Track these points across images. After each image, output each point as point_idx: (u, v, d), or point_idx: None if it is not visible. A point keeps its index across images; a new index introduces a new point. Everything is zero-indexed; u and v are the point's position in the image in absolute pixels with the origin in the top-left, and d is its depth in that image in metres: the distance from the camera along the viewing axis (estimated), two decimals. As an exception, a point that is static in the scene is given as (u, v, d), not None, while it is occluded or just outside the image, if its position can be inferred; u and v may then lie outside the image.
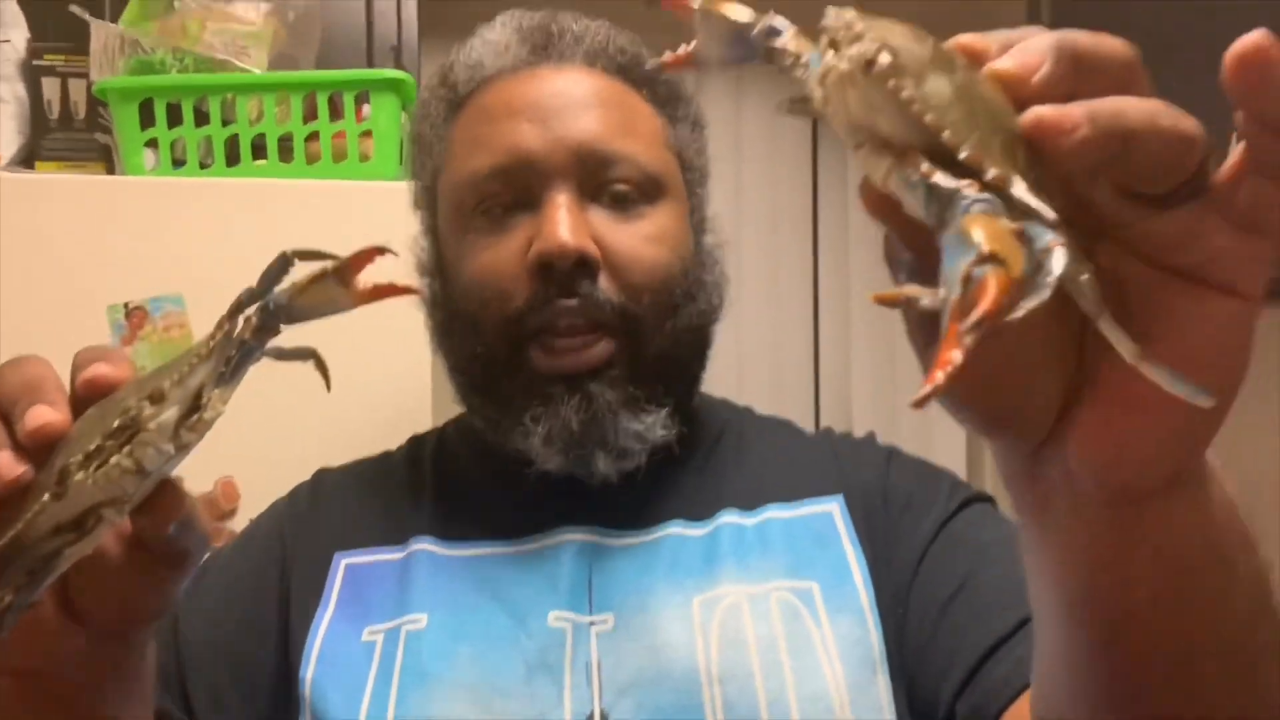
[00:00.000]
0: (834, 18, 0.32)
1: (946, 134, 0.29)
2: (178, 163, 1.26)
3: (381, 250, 0.46)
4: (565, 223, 0.70)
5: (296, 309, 0.46)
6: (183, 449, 0.44)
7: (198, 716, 0.70)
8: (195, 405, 0.44)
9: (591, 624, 0.71)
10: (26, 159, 1.34)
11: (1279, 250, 0.32)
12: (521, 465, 0.74)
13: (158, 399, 0.43)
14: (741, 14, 0.39)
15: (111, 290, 1.18)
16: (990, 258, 0.26)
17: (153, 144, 1.25)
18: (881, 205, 0.32)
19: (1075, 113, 0.29)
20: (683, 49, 0.42)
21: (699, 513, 0.76)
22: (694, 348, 0.77)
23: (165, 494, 0.46)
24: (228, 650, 0.72)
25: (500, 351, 0.73)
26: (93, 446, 0.43)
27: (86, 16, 1.27)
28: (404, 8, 2.15)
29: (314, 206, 1.21)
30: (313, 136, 1.26)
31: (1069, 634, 0.42)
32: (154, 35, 1.26)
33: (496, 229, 0.74)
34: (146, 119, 1.24)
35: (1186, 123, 0.30)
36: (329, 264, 0.45)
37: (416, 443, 0.88)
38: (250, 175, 1.24)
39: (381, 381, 1.16)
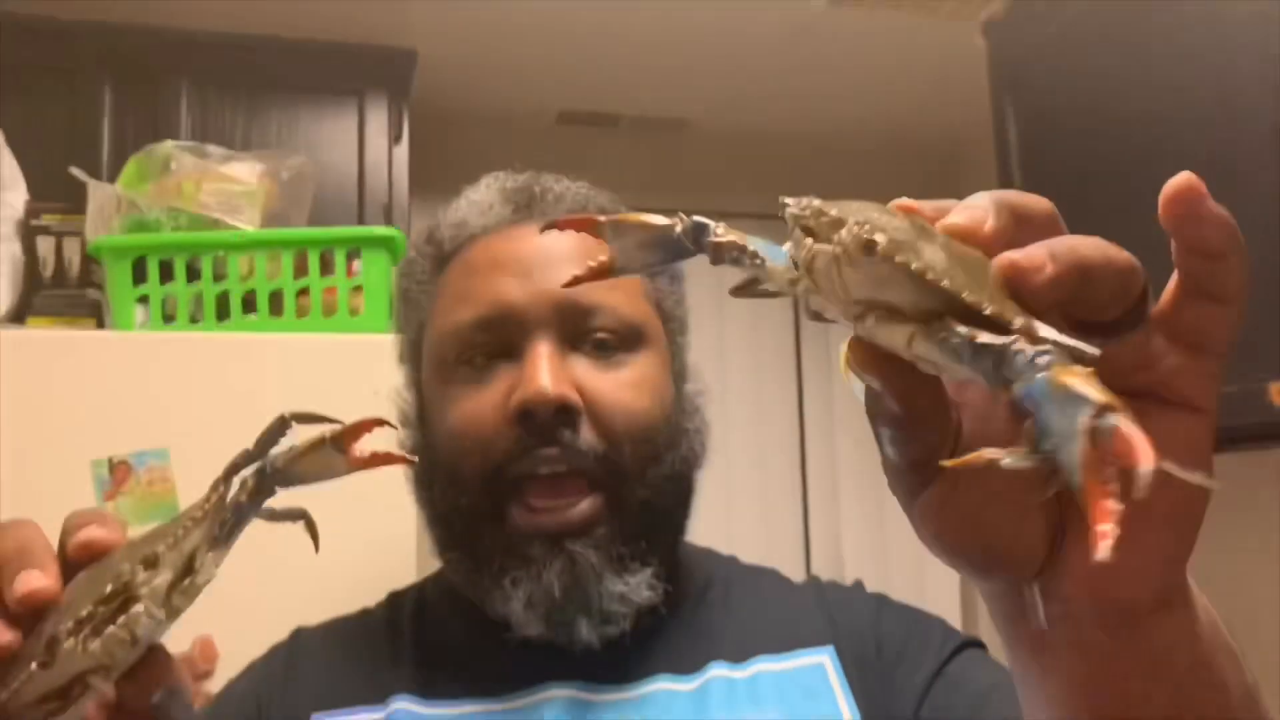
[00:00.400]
0: (800, 206, 0.33)
1: (966, 295, 0.30)
2: (168, 318, 1.28)
3: (380, 422, 0.47)
4: (546, 370, 0.71)
5: (293, 474, 0.46)
6: (173, 614, 0.44)
7: None
8: (188, 569, 0.45)
9: None
10: (18, 314, 1.35)
11: (1223, 366, 0.35)
12: (502, 627, 0.73)
13: (151, 564, 0.43)
14: (656, 219, 0.39)
15: (97, 444, 1.17)
16: (1108, 408, 0.27)
17: (144, 300, 1.27)
18: (875, 363, 0.34)
19: (1039, 253, 0.32)
20: (597, 260, 0.42)
21: (687, 666, 0.75)
22: (677, 496, 0.77)
23: (153, 661, 0.46)
24: None
25: (481, 504, 0.73)
26: (84, 613, 0.43)
27: (85, 178, 1.31)
28: (394, 167, 2.22)
29: (303, 360, 1.22)
30: (303, 291, 1.28)
31: None
32: (150, 195, 1.30)
33: (478, 379, 0.74)
34: (139, 276, 1.26)
35: (1125, 254, 0.33)
36: (327, 431, 0.46)
37: (395, 599, 0.86)
38: (240, 330, 1.25)
39: (365, 536, 1.15)
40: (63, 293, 1.37)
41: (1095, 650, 0.38)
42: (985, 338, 0.29)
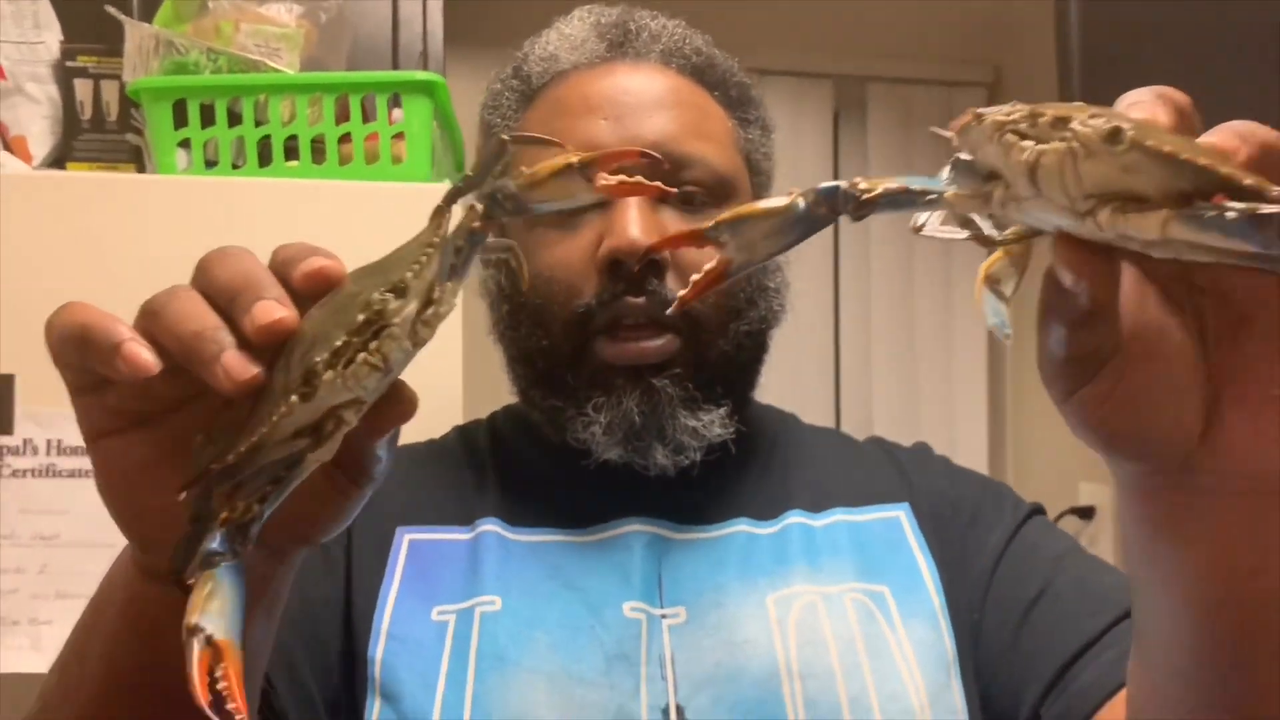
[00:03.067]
0: (1007, 113, 0.33)
1: (1223, 169, 0.30)
2: (210, 163, 1.26)
3: (641, 154, 0.44)
4: (636, 221, 0.70)
5: (531, 197, 0.43)
6: (419, 344, 0.42)
7: (275, 688, 0.68)
8: (429, 299, 0.42)
9: (663, 617, 0.71)
10: (58, 160, 1.34)
11: None
12: (580, 457, 0.74)
13: (401, 292, 0.41)
14: (772, 203, 0.38)
15: (140, 290, 1.16)
16: None
17: (185, 144, 1.25)
18: (1088, 260, 0.34)
19: (1230, 138, 0.34)
20: (708, 268, 0.41)
21: (765, 512, 0.77)
22: (753, 351, 0.78)
23: (399, 396, 0.44)
24: (301, 623, 0.69)
25: (565, 345, 0.74)
26: (339, 343, 0.40)
27: (121, 17, 1.27)
28: (429, 13, 2.16)
29: (347, 207, 1.21)
30: (345, 138, 1.26)
31: (1201, 641, 0.43)
32: (188, 36, 1.27)
33: (565, 225, 0.74)
34: (180, 119, 1.24)
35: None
36: (573, 157, 0.43)
37: (466, 431, 0.88)
38: (283, 176, 1.24)
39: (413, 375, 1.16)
40: (102, 137, 1.36)
41: (1238, 519, 0.40)
42: (1268, 208, 0.28)
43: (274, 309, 0.42)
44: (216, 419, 0.45)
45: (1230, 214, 0.29)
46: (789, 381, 2.30)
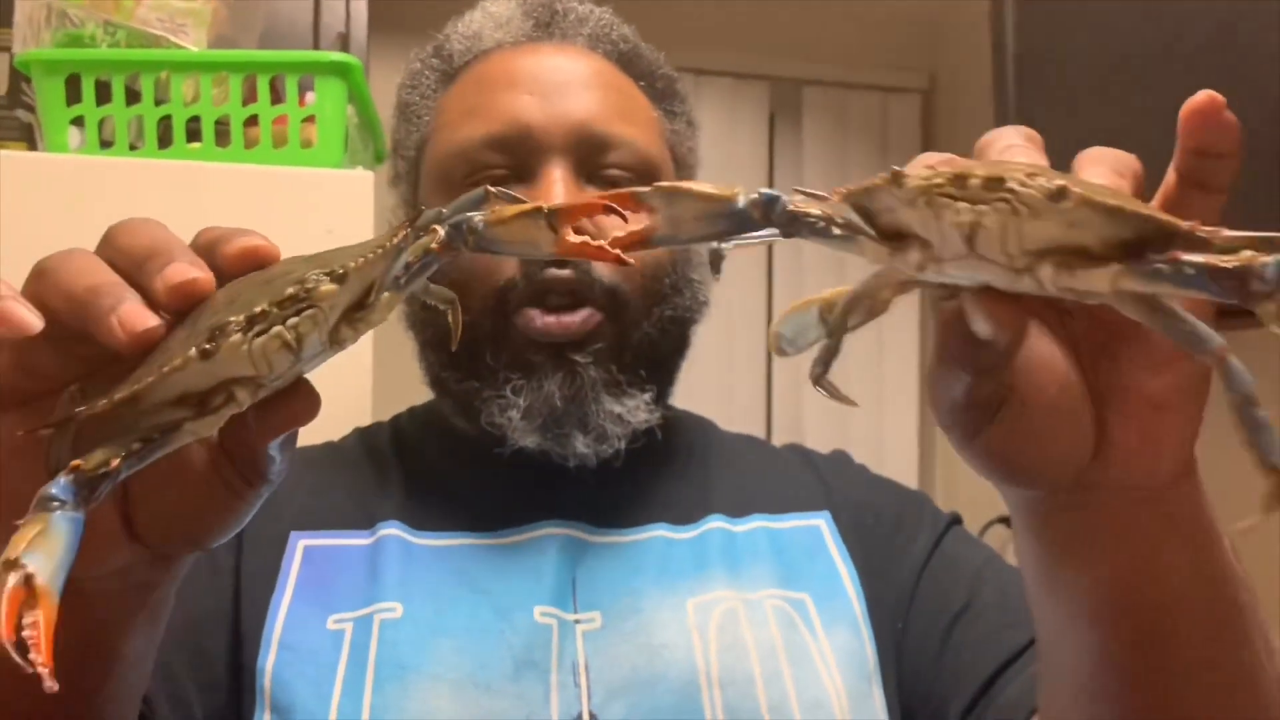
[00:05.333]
0: (930, 176, 0.32)
1: (1164, 216, 0.31)
2: (105, 144, 1.19)
3: (611, 209, 0.41)
4: (562, 193, 0.69)
5: (493, 236, 0.42)
6: (335, 346, 0.39)
7: (154, 708, 0.62)
8: (363, 300, 0.40)
9: (577, 622, 0.67)
10: (-59, 135, 1.26)
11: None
12: (493, 451, 0.71)
13: (339, 278, 0.38)
14: (712, 188, 0.37)
15: (28, 272, 1.10)
16: None
17: (79, 123, 1.18)
18: (1010, 313, 0.35)
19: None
20: (634, 225, 0.40)
21: (684, 516, 0.75)
22: (676, 342, 0.76)
23: (300, 393, 0.41)
24: (184, 636, 0.64)
25: (486, 321, 0.71)
26: (258, 310, 0.37)
27: (11, -15, 1.19)
28: (353, -2, 2.09)
29: (253, 192, 1.15)
30: (252, 120, 1.19)
31: (1105, 655, 0.45)
32: (84, 7, 1.19)
33: None
34: (73, 96, 1.16)
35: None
36: (543, 204, 0.42)
37: (366, 433, 0.83)
38: (184, 158, 1.17)
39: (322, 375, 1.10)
40: (-10, 112, 1.27)
41: (1134, 527, 0.42)
42: (1222, 261, 0.30)
43: (187, 269, 0.39)
44: (97, 377, 0.41)
45: (1188, 269, 0.31)
46: (719, 386, 2.27)
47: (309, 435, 0.84)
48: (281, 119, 1.18)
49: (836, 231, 0.36)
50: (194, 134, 1.19)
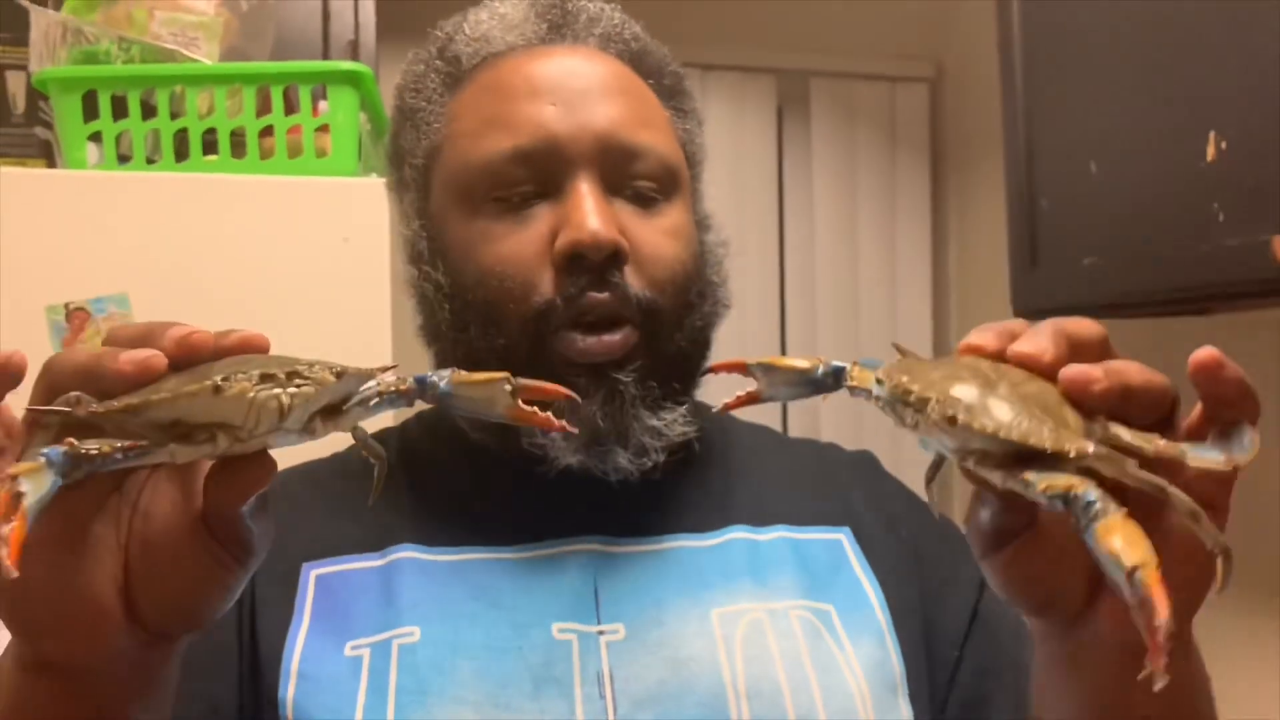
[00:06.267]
0: (889, 390, 0.43)
1: (1031, 440, 0.40)
2: (123, 158, 1.21)
3: (573, 398, 0.51)
4: (597, 212, 0.66)
5: (455, 396, 0.48)
6: (305, 432, 0.45)
7: None
8: (338, 407, 0.46)
9: (600, 634, 0.67)
10: (-38, 154, 1.27)
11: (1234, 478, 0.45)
12: (512, 465, 0.70)
13: (337, 374, 0.44)
14: (800, 362, 0.50)
15: (51, 290, 1.12)
16: (1135, 569, 0.37)
17: (96, 138, 1.19)
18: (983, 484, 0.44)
19: (1095, 370, 0.42)
20: (744, 392, 0.52)
21: (705, 524, 0.73)
22: (703, 348, 0.74)
23: (259, 461, 0.45)
24: (195, 681, 0.63)
25: (523, 344, 0.68)
26: (269, 371, 0.43)
27: (26, 3, 1.21)
28: (361, 4, 2.10)
29: (268, 203, 1.16)
30: (266, 131, 1.21)
31: None
32: (98, 24, 1.21)
33: (514, 216, 0.69)
34: (90, 112, 1.18)
35: (1161, 377, 0.44)
36: (510, 378, 0.49)
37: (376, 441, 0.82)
38: (201, 170, 1.18)
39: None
40: (9, 131, 1.29)
41: (1111, 672, 0.48)
42: (1048, 483, 0.39)
43: (189, 330, 0.45)
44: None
45: (1029, 488, 0.40)
46: (733, 321, 2.28)
47: (338, 440, 0.85)
48: (296, 129, 1.20)
49: (876, 402, 0.46)
50: (210, 146, 1.20)
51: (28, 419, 0.44)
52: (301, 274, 1.15)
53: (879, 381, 0.45)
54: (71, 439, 0.41)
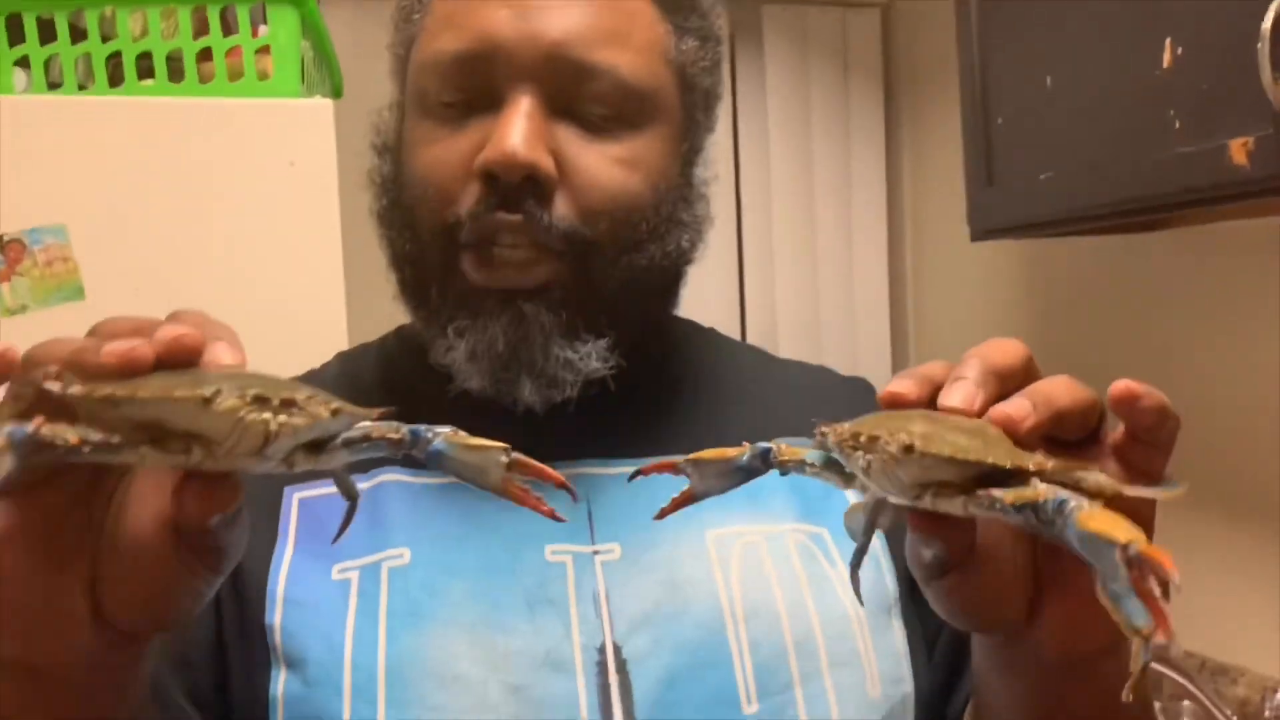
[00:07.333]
0: (837, 436, 0.44)
1: (990, 459, 0.41)
2: (52, 85, 1.15)
3: (570, 490, 0.50)
4: (520, 130, 0.62)
5: (448, 456, 0.47)
6: (284, 464, 0.43)
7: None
8: (323, 444, 0.44)
9: (595, 554, 0.65)
10: (-120, 84, 1.21)
11: (1163, 468, 0.47)
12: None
13: (332, 410, 0.43)
14: (728, 452, 0.50)
15: (-15, 222, 1.07)
16: (1130, 543, 0.36)
17: (23, 63, 1.14)
18: (933, 526, 0.44)
19: (1024, 405, 0.44)
20: (681, 493, 0.53)
21: (697, 448, 0.71)
22: (654, 288, 0.70)
23: (228, 483, 0.43)
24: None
25: (433, 255, 0.66)
26: (263, 393, 0.40)
27: (-58, -79, 1.15)
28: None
29: (210, 127, 1.12)
30: (205, 55, 1.16)
31: None
32: (20, -58, 1.15)
33: (453, 123, 0.65)
34: (15, 36, 1.13)
35: (1088, 391, 0.45)
36: (507, 451, 0.48)
37: (350, 360, 0.79)
38: (137, 95, 1.14)
39: (298, 291, 1.08)
40: (-70, 58, 1.23)
41: (1048, 678, 0.51)
42: (1015, 496, 0.40)
43: (181, 326, 0.42)
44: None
45: (997, 504, 0.41)
46: (693, 293, 2.27)
47: (292, 364, 0.83)
48: (235, 51, 1.15)
49: (809, 470, 0.47)
50: (145, 72, 1.16)
51: (14, 367, 0.41)
52: (247, 200, 1.11)
53: (822, 434, 0.45)
54: (41, 418, 0.38)
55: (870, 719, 0.64)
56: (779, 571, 0.66)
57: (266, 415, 0.40)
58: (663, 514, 0.53)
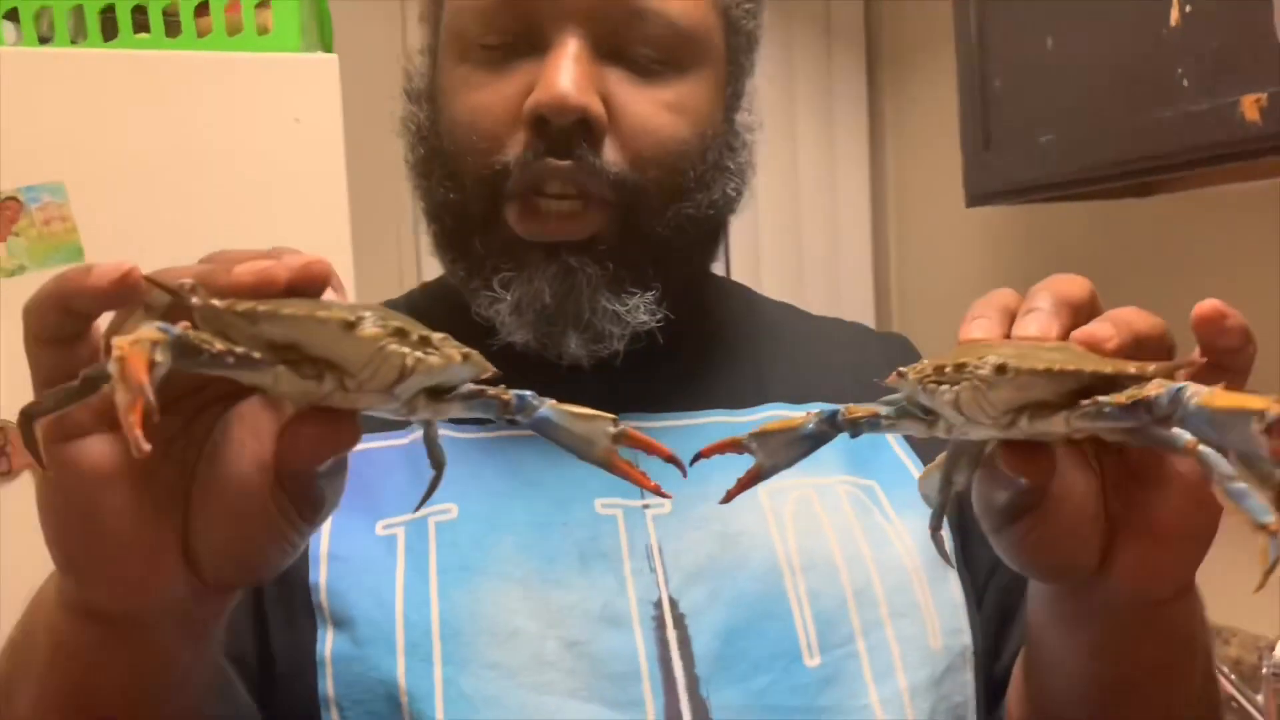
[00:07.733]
0: (919, 371, 0.42)
1: (1089, 369, 0.40)
2: (43, 40, 1.12)
3: (680, 464, 0.49)
4: (570, 73, 0.61)
5: (554, 424, 0.46)
6: (406, 406, 0.41)
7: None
8: (443, 392, 0.43)
9: (645, 507, 0.64)
10: None
11: None
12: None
13: (463, 355, 0.41)
14: (792, 421, 0.48)
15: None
16: (1264, 410, 0.35)
17: (12, 16, 1.10)
18: (1027, 459, 0.43)
19: (1106, 327, 0.43)
20: (746, 472, 0.50)
21: (741, 401, 0.70)
22: (700, 238, 0.68)
23: (348, 423, 0.41)
24: None
25: (476, 205, 0.64)
26: (405, 326, 0.39)
27: None
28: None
29: (212, 82, 1.09)
30: (202, 9, 1.13)
31: (1083, 692, 0.56)
32: (8, -110, 1.11)
33: (496, 66, 0.63)
34: (4, -13, 1.09)
35: (1158, 318, 0.45)
36: (615, 422, 0.47)
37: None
38: (134, 49, 1.11)
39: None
40: (-88, 12, 1.19)
41: (1117, 627, 0.51)
42: (1127, 395, 0.39)
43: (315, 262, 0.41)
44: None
45: (1107, 408, 0.39)
46: None
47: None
48: (234, 5, 1.12)
49: (885, 423, 0.46)
50: (140, 26, 1.13)
51: (139, 287, 0.39)
52: (250, 159, 1.09)
53: (900, 374, 0.43)
54: (188, 324, 0.37)
55: (933, 671, 0.63)
56: (834, 522, 0.65)
57: (405, 349, 0.39)
58: (729, 496, 0.50)
